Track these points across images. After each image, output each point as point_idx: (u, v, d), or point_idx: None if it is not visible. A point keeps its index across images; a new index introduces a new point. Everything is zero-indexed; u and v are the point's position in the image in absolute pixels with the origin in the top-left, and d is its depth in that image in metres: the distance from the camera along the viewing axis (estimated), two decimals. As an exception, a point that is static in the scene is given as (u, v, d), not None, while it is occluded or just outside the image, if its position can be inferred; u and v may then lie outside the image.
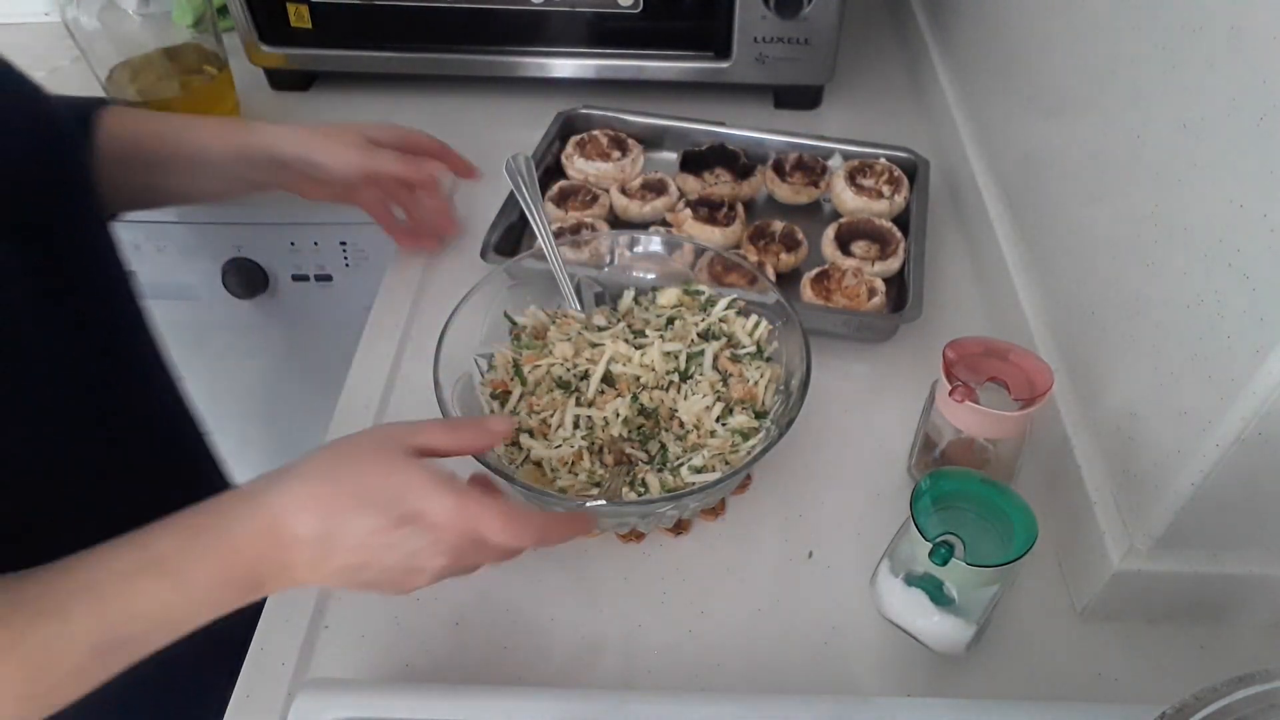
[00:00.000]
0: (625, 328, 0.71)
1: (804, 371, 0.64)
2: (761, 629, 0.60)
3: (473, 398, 0.66)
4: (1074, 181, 0.68)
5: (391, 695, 0.52)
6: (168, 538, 0.45)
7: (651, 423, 0.66)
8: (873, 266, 0.79)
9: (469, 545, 0.49)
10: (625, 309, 0.74)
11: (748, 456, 0.62)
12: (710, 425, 0.65)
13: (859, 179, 0.88)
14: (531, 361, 0.67)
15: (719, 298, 0.72)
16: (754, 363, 0.68)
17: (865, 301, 0.77)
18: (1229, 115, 0.49)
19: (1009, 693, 0.57)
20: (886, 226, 0.83)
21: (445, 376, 0.62)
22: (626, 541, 0.65)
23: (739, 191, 0.88)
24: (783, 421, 0.62)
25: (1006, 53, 0.84)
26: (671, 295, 0.73)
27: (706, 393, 0.66)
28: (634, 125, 0.96)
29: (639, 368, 0.67)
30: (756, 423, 0.65)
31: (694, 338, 0.69)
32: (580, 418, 0.65)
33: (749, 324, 0.71)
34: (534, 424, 0.65)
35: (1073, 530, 0.62)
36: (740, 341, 0.70)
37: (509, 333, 0.71)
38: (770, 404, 0.67)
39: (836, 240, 0.82)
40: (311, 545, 0.46)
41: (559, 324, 0.71)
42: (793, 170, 0.91)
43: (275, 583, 0.48)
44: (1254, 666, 0.39)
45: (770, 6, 0.94)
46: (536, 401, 0.66)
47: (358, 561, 0.47)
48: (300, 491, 0.47)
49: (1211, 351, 0.50)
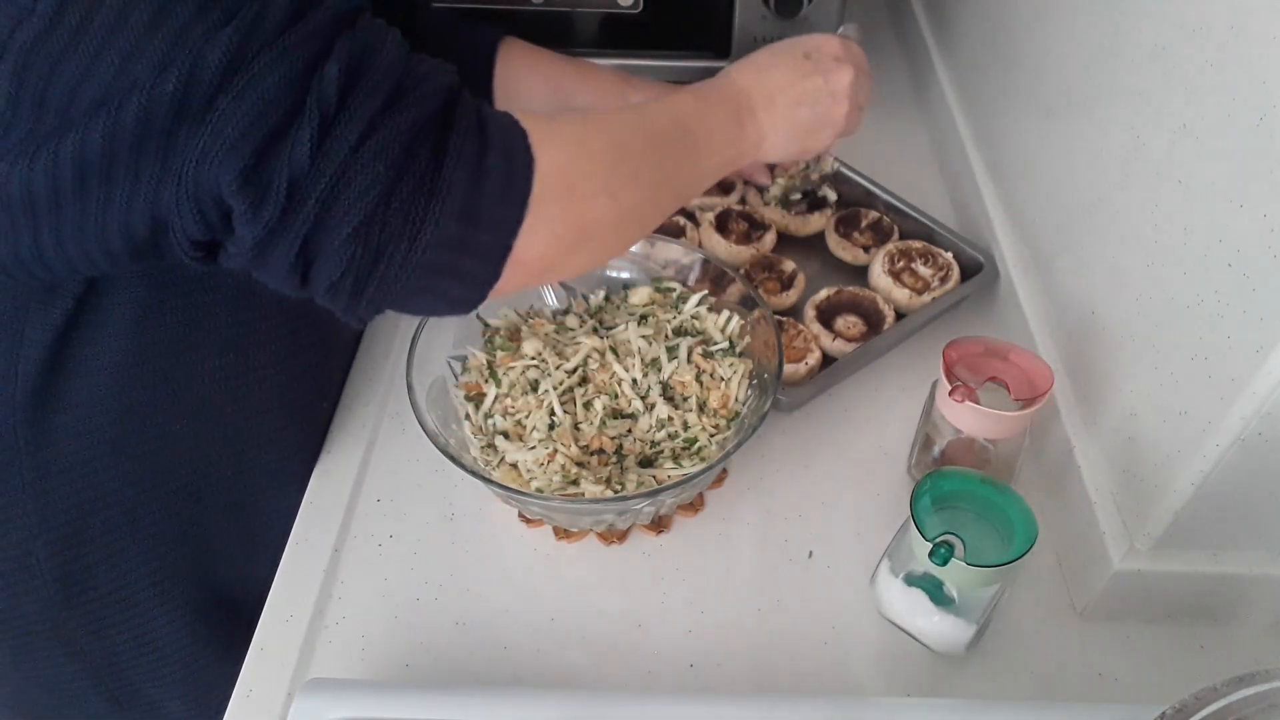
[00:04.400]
0: (598, 324, 0.71)
1: (776, 364, 0.64)
2: (761, 629, 0.60)
3: (447, 401, 0.66)
4: (1074, 181, 0.68)
5: (391, 695, 0.52)
6: (686, 101, 0.59)
7: (629, 421, 0.66)
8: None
9: (855, 71, 0.65)
10: (597, 307, 0.74)
11: (720, 451, 0.62)
12: (684, 422, 0.66)
13: (909, 266, 0.80)
14: (506, 363, 0.67)
15: (690, 294, 0.72)
16: (726, 359, 0.69)
17: (801, 366, 0.73)
18: (1229, 115, 0.49)
19: (1009, 693, 0.57)
20: (879, 308, 0.78)
21: (419, 379, 0.62)
22: (609, 543, 0.65)
23: (788, 224, 0.86)
24: (755, 416, 0.62)
25: (1007, 53, 0.84)
26: (644, 294, 0.73)
27: (687, 380, 0.67)
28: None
29: (614, 366, 0.67)
30: (728, 425, 0.66)
31: (668, 333, 0.69)
32: (555, 420, 0.65)
33: (720, 320, 0.71)
34: (509, 426, 0.65)
35: (1073, 530, 0.62)
36: (713, 338, 0.70)
37: (482, 334, 0.71)
38: (745, 398, 0.67)
39: (818, 312, 0.77)
40: (756, 91, 0.62)
41: (531, 324, 0.71)
42: (865, 229, 0.86)
43: (750, 119, 0.62)
44: (1254, 666, 0.39)
45: (770, 6, 0.94)
46: (511, 404, 0.66)
47: (793, 94, 0.63)
48: (737, 66, 0.64)
49: (1211, 351, 0.50)
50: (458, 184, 0.43)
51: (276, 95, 0.40)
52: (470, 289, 0.47)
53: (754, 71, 0.63)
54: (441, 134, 0.44)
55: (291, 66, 0.40)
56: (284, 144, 0.40)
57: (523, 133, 0.46)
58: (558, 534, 0.65)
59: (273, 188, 0.41)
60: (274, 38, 0.40)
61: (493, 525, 0.66)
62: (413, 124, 0.43)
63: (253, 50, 0.40)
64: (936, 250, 0.81)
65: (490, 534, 0.66)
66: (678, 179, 0.58)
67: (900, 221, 0.86)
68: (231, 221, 0.42)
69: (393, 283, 0.44)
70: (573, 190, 0.48)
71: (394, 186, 0.42)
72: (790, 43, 0.65)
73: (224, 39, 0.39)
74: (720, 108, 0.60)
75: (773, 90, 0.62)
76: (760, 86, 0.62)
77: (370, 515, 0.67)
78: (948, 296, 0.77)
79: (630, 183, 0.52)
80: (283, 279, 0.44)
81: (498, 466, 0.63)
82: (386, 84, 0.43)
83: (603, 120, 0.53)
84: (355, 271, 0.43)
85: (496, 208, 0.45)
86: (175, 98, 0.39)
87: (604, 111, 0.55)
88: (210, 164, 0.40)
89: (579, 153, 0.49)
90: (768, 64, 0.63)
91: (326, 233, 0.42)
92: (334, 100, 0.41)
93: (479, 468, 0.62)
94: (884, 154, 0.97)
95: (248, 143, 0.40)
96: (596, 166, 0.50)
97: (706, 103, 0.60)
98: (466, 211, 0.44)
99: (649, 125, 0.55)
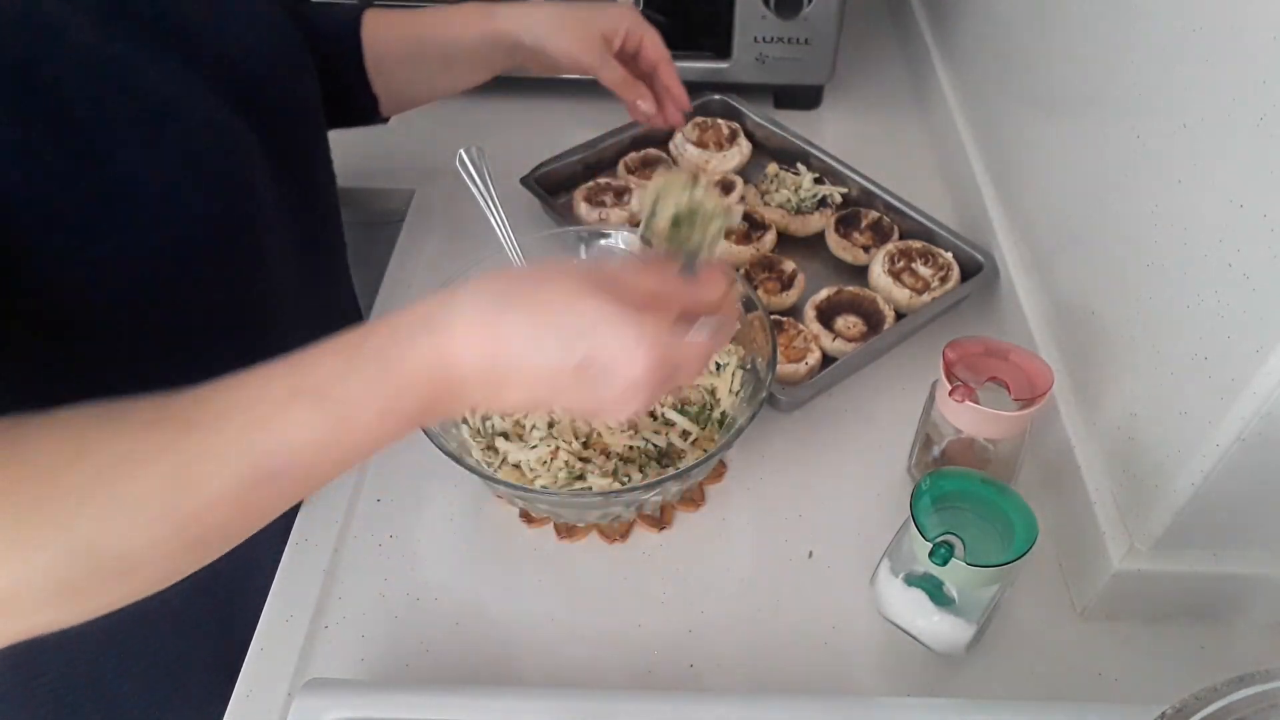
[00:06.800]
0: None
1: (770, 351, 0.64)
2: (761, 629, 0.61)
3: None
4: (1074, 181, 0.68)
5: (391, 695, 0.52)
6: (327, 363, 0.41)
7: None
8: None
9: (662, 384, 0.43)
10: None
11: (722, 440, 0.62)
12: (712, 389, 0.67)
13: (909, 266, 0.80)
14: None
15: None
16: None
17: (801, 366, 0.73)
18: (1229, 115, 0.49)
19: (1009, 693, 0.57)
20: (879, 308, 0.78)
21: None
22: (611, 541, 0.65)
23: (788, 224, 0.86)
24: (755, 402, 0.63)
25: (1007, 53, 0.84)
26: None
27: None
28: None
29: None
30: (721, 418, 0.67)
31: None
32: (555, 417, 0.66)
33: None
34: (508, 426, 0.65)
35: (1073, 530, 0.62)
36: None
37: None
38: (739, 387, 0.67)
39: (818, 312, 0.77)
40: (482, 380, 0.41)
41: None
42: (865, 229, 0.85)
43: (446, 412, 0.45)
44: (1254, 666, 0.39)
45: (770, 6, 0.94)
46: None
47: (535, 398, 0.43)
48: (469, 317, 0.41)
49: (1211, 351, 0.50)
50: None
51: None
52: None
53: (488, 342, 0.41)
54: None
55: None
56: None
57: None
58: (559, 533, 0.65)
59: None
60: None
61: (493, 525, 0.66)
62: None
63: None
64: (936, 250, 0.81)
65: (490, 534, 0.66)
66: (241, 533, 0.42)
67: (900, 221, 0.86)
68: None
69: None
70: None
71: None
72: (578, 324, 0.41)
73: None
74: (373, 416, 0.41)
75: (504, 378, 0.42)
76: (485, 366, 0.41)
77: (370, 515, 0.67)
78: (948, 296, 0.77)
79: (116, 580, 0.39)
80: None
81: (500, 467, 0.63)
82: None
83: (78, 500, 0.37)
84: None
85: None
86: None
87: (102, 470, 0.38)
88: None
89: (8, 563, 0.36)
90: (515, 344, 0.41)
91: None
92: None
93: (482, 469, 0.62)
94: (884, 154, 0.97)
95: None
96: (40, 577, 0.36)
97: (345, 417, 0.40)
98: None
99: (188, 486, 0.38)
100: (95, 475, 0.37)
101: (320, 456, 0.40)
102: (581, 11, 0.74)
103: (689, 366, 0.44)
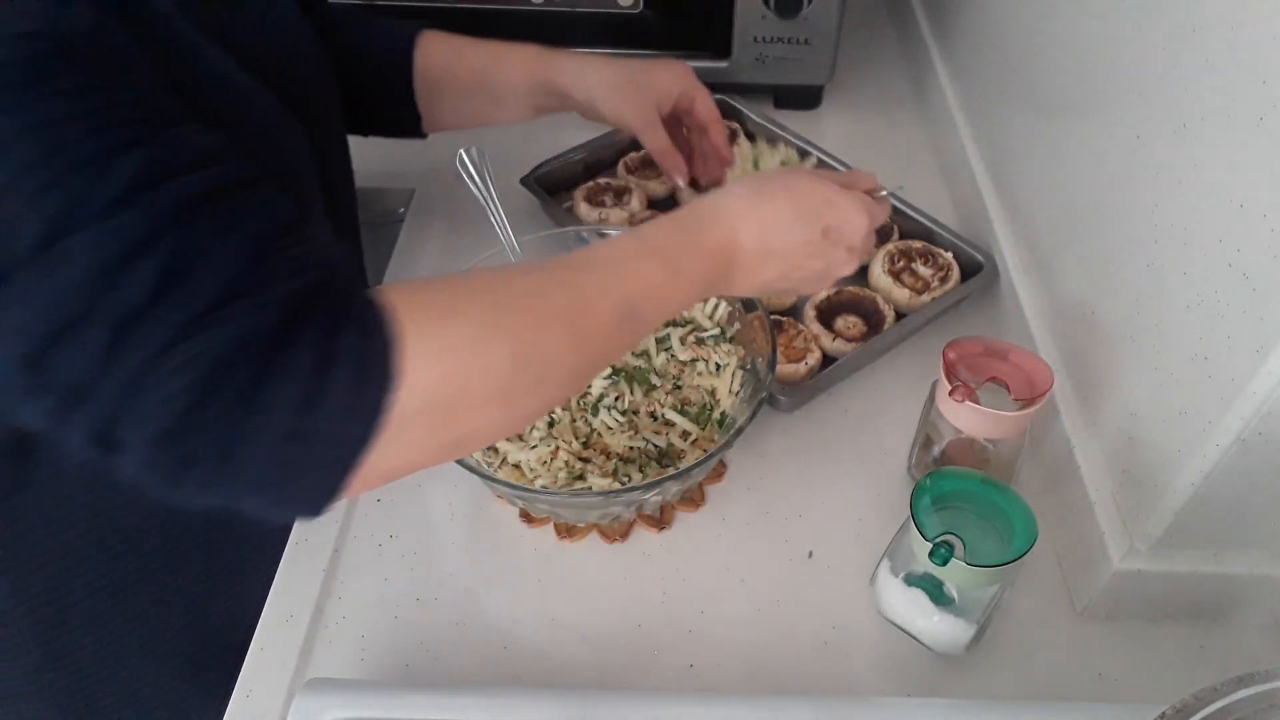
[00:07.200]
0: None
1: (770, 350, 0.64)
2: (761, 629, 0.61)
3: None
4: (1074, 181, 0.68)
5: (391, 695, 0.52)
6: (662, 233, 0.52)
7: (629, 415, 0.67)
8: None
9: (866, 243, 0.58)
10: None
11: (722, 440, 0.62)
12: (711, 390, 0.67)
13: (910, 266, 0.80)
14: None
15: None
16: (720, 345, 0.69)
17: (800, 366, 0.73)
18: (1229, 115, 0.49)
19: (1009, 693, 0.57)
20: (879, 308, 0.78)
21: None
22: (611, 541, 0.65)
23: None
24: (755, 402, 0.63)
25: (1007, 53, 0.84)
26: None
27: (685, 362, 0.67)
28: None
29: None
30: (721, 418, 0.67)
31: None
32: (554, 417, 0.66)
33: (708, 307, 0.72)
34: None
35: (1073, 530, 0.62)
36: (701, 325, 0.71)
37: None
38: (739, 387, 0.68)
39: (818, 312, 0.77)
40: (753, 255, 0.54)
41: None
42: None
43: (724, 286, 0.55)
44: (1254, 666, 0.39)
45: (770, 6, 0.94)
46: None
47: (787, 267, 0.55)
48: (737, 210, 0.54)
49: (1211, 351, 0.50)
50: (284, 406, 0.37)
51: (74, 285, 0.36)
52: (304, 505, 0.41)
53: (759, 226, 0.54)
54: (274, 350, 0.38)
55: (100, 256, 0.36)
56: (72, 339, 0.36)
57: (385, 344, 0.39)
58: (559, 533, 0.65)
59: (54, 383, 0.37)
60: (95, 217, 0.36)
61: (493, 525, 0.66)
62: (231, 339, 0.37)
63: (70, 226, 0.36)
64: (936, 250, 0.81)
65: (490, 534, 0.66)
66: (602, 363, 0.50)
67: (900, 221, 0.86)
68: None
69: (207, 492, 0.39)
70: (454, 404, 0.41)
71: (195, 406, 0.37)
72: (819, 201, 0.56)
73: (46, 204, 0.35)
74: (694, 273, 0.52)
75: (768, 255, 0.54)
76: (757, 247, 0.54)
77: (370, 515, 0.67)
78: (948, 296, 0.78)
79: (535, 387, 0.45)
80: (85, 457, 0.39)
81: (500, 468, 0.63)
82: (209, 288, 0.37)
83: (516, 312, 0.44)
84: (162, 474, 0.39)
85: (337, 427, 0.39)
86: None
87: (525, 294, 0.46)
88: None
89: (470, 362, 0.42)
90: (779, 224, 0.54)
91: (120, 431, 0.37)
92: (139, 300, 0.36)
93: (482, 468, 0.62)
94: (884, 154, 0.97)
95: (36, 328, 0.36)
96: (491, 377, 0.42)
97: (678, 270, 0.51)
98: (294, 434, 0.38)
99: (583, 312, 0.46)
100: (521, 297, 0.45)
101: (662, 299, 0.50)
102: (639, 75, 0.75)
103: (873, 232, 0.59)
